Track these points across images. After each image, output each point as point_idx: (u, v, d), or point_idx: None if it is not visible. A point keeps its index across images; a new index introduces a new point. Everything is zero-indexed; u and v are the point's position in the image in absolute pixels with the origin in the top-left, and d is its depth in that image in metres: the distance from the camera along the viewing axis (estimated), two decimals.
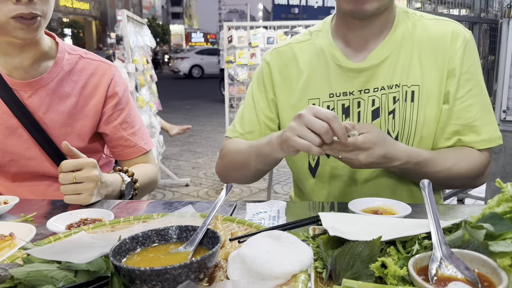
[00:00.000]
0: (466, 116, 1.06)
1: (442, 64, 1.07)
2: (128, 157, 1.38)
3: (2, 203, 1.01)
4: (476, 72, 1.08)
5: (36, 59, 1.22)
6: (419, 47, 1.09)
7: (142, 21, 3.96)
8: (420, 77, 1.08)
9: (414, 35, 1.10)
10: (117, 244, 0.61)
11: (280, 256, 0.61)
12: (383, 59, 1.09)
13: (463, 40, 1.08)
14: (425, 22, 1.12)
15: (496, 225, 0.65)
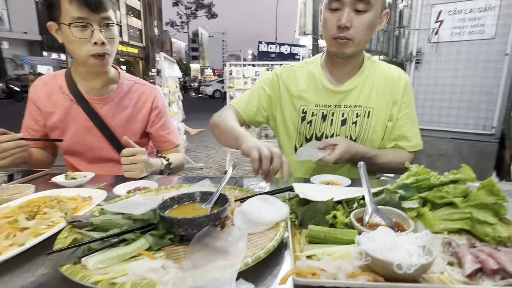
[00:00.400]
0: (402, 130, 1.21)
1: (389, 95, 1.21)
2: (164, 148, 1.48)
3: (83, 176, 1.08)
4: (410, 103, 1.23)
5: (105, 83, 1.33)
6: (377, 82, 1.21)
7: (173, 60, 4.17)
8: (375, 102, 1.21)
9: (374, 74, 1.22)
10: (161, 202, 0.68)
11: (268, 211, 0.67)
12: (352, 87, 1.21)
13: (405, 81, 1.23)
14: (381, 66, 1.25)
15: (406, 191, 0.72)
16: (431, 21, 2.80)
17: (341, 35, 1.04)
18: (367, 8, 1.01)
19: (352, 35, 1.04)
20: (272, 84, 1.30)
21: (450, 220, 0.67)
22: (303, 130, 1.26)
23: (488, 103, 2.63)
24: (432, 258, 0.48)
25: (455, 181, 0.71)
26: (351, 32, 1.03)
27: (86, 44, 1.13)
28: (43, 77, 1.38)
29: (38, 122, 1.34)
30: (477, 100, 2.67)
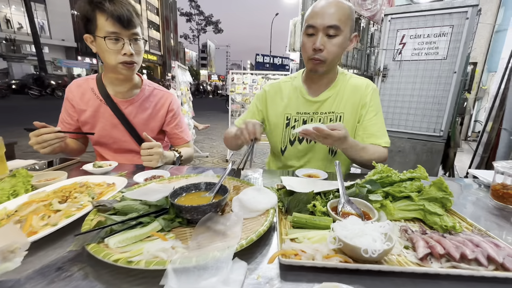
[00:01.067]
0: (373, 129, 1.16)
1: (358, 101, 1.17)
2: (177, 143, 1.46)
3: (108, 165, 1.05)
4: (378, 106, 1.18)
5: (130, 88, 1.30)
6: (347, 92, 1.18)
7: (185, 67, 4.07)
8: (345, 108, 1.17)
9: (345, 86, 1.18)
10: (172, 191, 0.66)
11: (260, 199, 0.66)
12: (327, 97, 1.18)
13: (372, 88, 1.18)
14: (352, 79, 1.21)
15: (372, 185, 0.71)
16: (396, 43, 2.77)
17: (315, 57, 1.03)
18: (337, 33, 1.00)
19: (324, 57, 1.03)
20: (261, 100, 1.29)
21: (407, 211, 0.67)
22: (287, 134, 1.24)
23: (439, 111, 2.64)
24: (392, 244, 0.48)
25: (412, 179, 0.71)
26: (323, 54, 1.02)
27: (117, 54, 1.10)
28: (78, 80, 1.33)
29: (72, 117, 1.31)
30: (430, 108, 2.67)
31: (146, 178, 0.92)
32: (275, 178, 1.00)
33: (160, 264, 0.44)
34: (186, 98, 3.79)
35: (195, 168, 1.13)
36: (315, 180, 0.86)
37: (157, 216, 0.61)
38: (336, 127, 0.88)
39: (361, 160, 1.05)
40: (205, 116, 11.03)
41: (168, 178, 0.87)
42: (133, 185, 0.79)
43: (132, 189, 0.71)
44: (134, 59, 1.14)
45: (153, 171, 0.98)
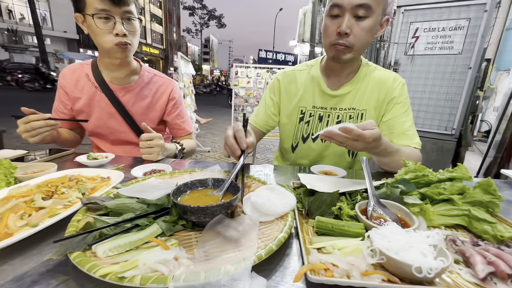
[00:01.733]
0: (404, 127, 1.00)
1: (384, 96, 1.03)
2: (179, 135, 1.36)
3: (104, 157, 0.96)
4: (408, 102, 1.04)
5: (128, 74, 1.19)
6: (371, 86, 1.04)
7: (188, 60, 3.94)
8: (368, 104, 1.04)
9: (369, 79, 1.05)
10: (175, 187, 0.56)
11: (277, 201, 0.57)
12: (348, 91, 1.05)
13: (401, 81, 1.05)
14: (377, 71, 1.07)
15: (406, 185, 0.62)
16: (408, 36, 2.65)
17: (340, 42, 0.89)
18: (368, 14, 0.85)
19: (351, 43, 0.88)
20: (275, 91, 1.16)
21: (448, 216, 0.57)
22: (301, 129, 1.12)
23: (451, 108, 2.53)
24: (449, 262, 0.38)
25: (452, 179, 0.61)
26: (350, 39, 0.88)
27: (109, 35, 0.99)
28: (71, 65, 1.23)
29: (66, 106, 1.21)
30: (442, 105, 2.57)
31: (145, 173, 0.83)
32: (288, 175, 0.90)
33: (160, 281, 0.35)
34: (189, 90, 3.68)
35: (197, 163, 1.03)
36: (337, 178, 0.76)
37: (156, 218, 0.51)
38: (367, 125, 0.69)
39: (395, 166, 0.89)
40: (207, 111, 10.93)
41: (169, 172, 0.78)
42: (131, 180, 0.69)
43: (128, 185, 0.62)
44: (128, 39, 1.03)
45: (153, 165, 0.88)
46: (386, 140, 0.79)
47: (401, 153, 0.88)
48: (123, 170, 0.86)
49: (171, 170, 0.85)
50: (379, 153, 0.80)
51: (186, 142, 1.26)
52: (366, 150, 0.74)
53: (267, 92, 1.20)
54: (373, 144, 0.70)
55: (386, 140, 0.78)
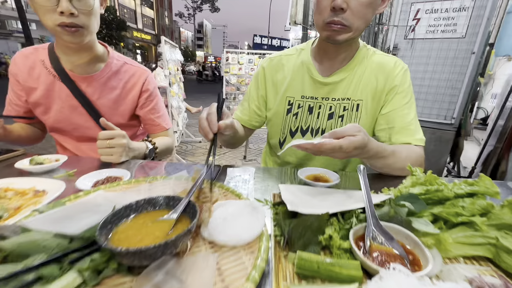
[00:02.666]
0: (406, 120, 0.86)
1: (383, 85, 0.88)
2: (154, 132, 1.20)
3: (54, 160, 0.80)
4: (410, 92, 0.89)
5: (91, 60, 1.01)
6: (369, 73, 0.89)
7: (175, 45, 3.65)
8: (365, 94, 0.90)
9: (367, 64, 0.90)
10: (111, 213, 0.42)
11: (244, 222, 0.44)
12: (342, 79, 0.90)
13: (403, 67, 0.90)
14: (377, 55, 0.92)
15: (413, 203, 0.49)
16: (409, 19, 2.47)
17: (335, 19, 0.73)
18: None
19: (348, 20, 0.73)
20: (261, 81, 1.00)
21: (468, 245, 0.44)
22: (288, 123, 0.97)
23: (452, 96, 2.39)
24: None
25: (472, 194, 0.48)
26: (346, 16, 0.72)
27: (53, 13, 0.80)
28: (24, 50, 1.04)
29: (20, 97, 1.03)
30: (442, 93, 2.43)
31: (97, 182, 0.68)
32: (272, 179, 0.76)
33: None
34: (176, 78, 3.46)
35: (170, 165, 0.88)
36: (327, 190, 0.62)
37: (83, 257, 0.37)
38: (347, 131, 0.58)
39: (390, 170, 0.78)
40: (200, 99, 10.65)
41: (123, 183, 0.63)
42: (70, 195, 0.55)
43: (52, 207, 0.47)
44: (78, 20, 0.84)
45: (108, 171, 0.73)
46: (377, 143, 0.67)
47: (397, 155, 0.75)
48: (75, 177, 0.71)
49: (129, 177, 0.70)
50: (369, 158, 0.68)
51: (160, 140, 1.11)
52: (350, 157, 0.62)
53: (252, 83, 1.04)
54: (356, 152, 0.59)
55: (376, 144, 0.66)
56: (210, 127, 0.66)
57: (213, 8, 49.88)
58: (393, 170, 0.78)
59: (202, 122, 0.67)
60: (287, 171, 0.85)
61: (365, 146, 0.60)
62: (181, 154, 4.04)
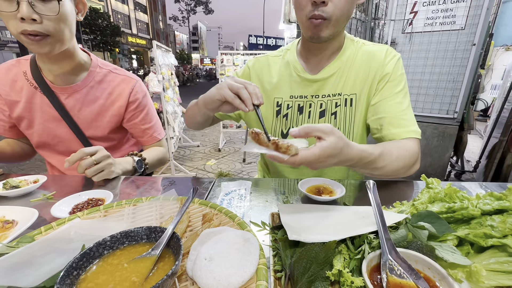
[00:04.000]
0: (398, 109, 0.78)
1: (374, 74, 0.82)
2: (146, 143, 1.12)
3: (31, 182, 0.74)
4: (403, 80, 0.82)
5: (73, 70, 0.94)
6: (359, 64, 0.83)
7: (168, 49, 3.54)
8: (357, 87, 0.83)
9: (356, 57, 0.84)
10: (78, 256, 0.36)
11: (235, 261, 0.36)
12: (330, 74, 0.84)
13: (395, 55, 0.83)
14: (365, 46, 0.86)
15: (434, 224, 0.42)
16: (406, 12, 2.41)
17: (316, 14, 0.68)
18: None
19: (329, 13, 0.68)
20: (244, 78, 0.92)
21: (502, 273, 0.37)
22: (279, 125, 0.91)
23: (453, 90, 2.33)
24: None
25: (502, 211, 0.42)
26: (327, 9, 0.67)
27: (14, 19, 0.72)
28: (6, 63, 0.98)
29: (4, 111, 0.97)
30: (443, 87, 2.36)
31: (76, 206, 0.61)
32: (269, 195, 0.69)
33: None
34: (170, 83, 3.39)
35: (164, 179, 0.82)
36: (332, 208, 0.54)
37: None
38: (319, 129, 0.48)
39: (381, 174, 0.68)
40: None
41: (103, 207, 0.56)
42: (41, 227, 0.48)
43: (16, 245, 0.40)
44: (42, 27, 0.75)
45: (90, 192, 0.66)
46: (359, 147, 0.57)
47: (387, 157, 0.66)
48: (54, 199, 0.65)
49: (112, 198, 0.64)
50: (354, 166, 0.59)
51: (150, 152, 1.04)
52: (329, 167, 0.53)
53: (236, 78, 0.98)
54: (332, 161, 0.50)
55: (358, 149, 0.56)
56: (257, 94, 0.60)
57: (207, 10, 49.83)
58: (386, 174, 0.69)
59: (250, 87, 0.61)
60: (286, 182, 0.78)
61: (339, 152, 0.50)
62: (179, 160, 3.97)
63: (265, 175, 1.08)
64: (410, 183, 0.74)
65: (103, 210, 0.56)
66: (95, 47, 21.82)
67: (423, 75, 2.42)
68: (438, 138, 2.50)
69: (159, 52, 2.93)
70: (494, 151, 2.51)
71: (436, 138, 2.51)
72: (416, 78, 2.46)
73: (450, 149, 2.49)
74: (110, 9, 28.26)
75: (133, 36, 33.82)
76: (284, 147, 0.46)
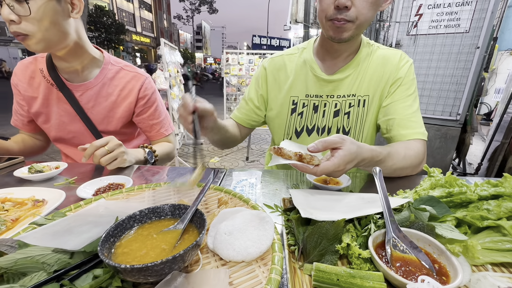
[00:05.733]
0: (408, 112, 0.83)
1: (387, 77, 0.87)
2: (154, 138, 1.16)
3: (53, 168, 0.78)
4: (414, 85, 0.87)
5: (84, 67, 0.98)
6: (373, 67, 0.88)
7: (174, 47, 3.62)
8: (371, 89, 0.88)
9: (371, 60, 0.88)
10: (113, 225, 0.40)
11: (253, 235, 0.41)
12: (346, 76, 0.88)
13: (408, 60, 0.88)
14: (380, 49, 0.90)
15: (435, 207, 0.45)
16: (411, 14, 2.44)
17: (339, 17, 0.71)
18: None
19: (352, 17, 0.71)
20: (261, 81, 0.98)
21: (496, 251, 0.41)
22: (293, 123, 0.95)
23: (457, 92, 2.36)
24: None
25: (497, 196, 0.45)
26: (351, 13, 0.70)
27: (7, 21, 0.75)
28: (24, 60, 1.02)
29: (23, 107, 1.02)
30: (447, 89, 2.39)
31: (99, 189, 0.65)
32: (278, 184, 0.74)
33: None
34: (176, 80, 3.44)
35: (173, 170, 0.86)
36: (340, 194, 0.59)
37: (83, 273, 0.35)
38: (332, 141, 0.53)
39: (390, 172, 0.74)
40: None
41: (126, 189, 0.61)
42: (74, 203, 0.52)
43: (51, 219, 0.45)
44: (20, 28, 0.75)
45: (110, 178, 0.71)
46: (370, 148, 0.62)
47: (394, 156, 0.71)
48: (76, 184, 0.69)
49: (131, 184, 0.68)
50: (366, 166, 0.64)
51: (159, 147, 1.08)
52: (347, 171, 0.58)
53: (252, 83, 1.02)
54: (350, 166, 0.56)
55: (369, 149, 0.62)
56: (186, 110, 0.64)
57: (211, 9, 49.96)
58: (394, 172, 0.74)
59: (178, 109, 0.67)
60: (295, 173, 0.82)
61: (355, 157, 0.55)
62: (183, 157, 4.02)
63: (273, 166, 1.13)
64: (412, 176, 0.78)
65: (125, 192, 0.61)
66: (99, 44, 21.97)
67: (427, 76, 2.45)
68: (441, 140, 2.53)
69: (166, 50, 2.98)
70: (496, 154, 2.53)
71: (439, 140, 2.54)
72: (420, 79, 2.48)
73: (452, 150, 2.52)
74: (115, 7, 28.42)
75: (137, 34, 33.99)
76: (308, 157, 0.52)
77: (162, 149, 1.08)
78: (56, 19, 0.80)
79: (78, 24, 0.89)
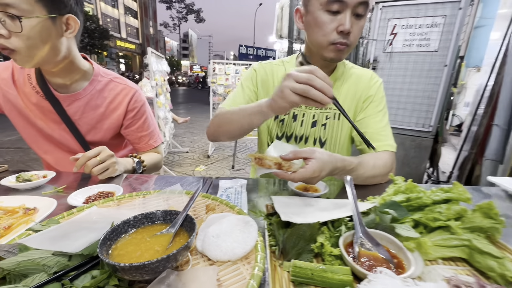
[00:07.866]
0: (378, 126, 0.93)
1: (361, 93, 0.97)
2: (141, 150, 1.17)
3: (41, 177, 0.78)
4: (384, 102, 0.97)
5: (73, 80, 0.98)
6: (348, 84, 0.98)
7: (161, 55, 3.64)
8: (344, 104, 0.97)
9: (346, 77, 0.98)
10: (109, 229, 0.42)
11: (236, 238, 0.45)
12: None
13: (378, 80, 0.99)
14: (355, 68, 1.01)
15: (396, 210, 0.52)
16: (387, 33, 2.64)
17: (342, 41, 0.79)
18: (365, 12, 0.78)
19: (350, 41, 0.80)
20: (253, 81, 1.03)
21: (446, 247, 0.48)
22: (275, 128, 1.02)
23: (428, 106, 2.55)
24: None
25: (448, 200, 0.53)
26: (350, 37, 0.79)
27: None
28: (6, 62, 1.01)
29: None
30: (419, 103, 2.58)
31: (89, 197, 0.68)
32: (262, 192, 0.79)
33: None
34: (162, 89, 3.45)
35: (161, 178, 0.89)
36: (317, 200, 0.65)
37: (82, 273, 0.38)
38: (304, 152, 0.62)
39: (361, 180, 0.81)
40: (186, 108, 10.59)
41: (116, 198, 0.64)
42: (66, 210, 0.54)
43: (53, 223, 0.47)
44: (8, 42, 0.74)
45: (100, 186, 0.73)
46: (342, 158, 0.72)
47: (365, 165, 0.79)
48: (65, 192, 0.71)
49: (121, 192, 0.70)
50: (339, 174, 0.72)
51: (147, 156, 1.10)
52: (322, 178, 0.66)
53: (243, 81, 1.05)
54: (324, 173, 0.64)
55: (341, 158, 0.71)
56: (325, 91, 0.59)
57: (198, 18, 50.34)
58: (366, 180, 0.82)
59: (311, 92, 0.58)
60: (277, 182, 0.88)
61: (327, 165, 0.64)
62: (168, 165, 3.98)
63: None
64: (382, 184, 0.86)
65: (116, 200, 0.64)
66: (82, 49, 21.43)
67: (402, 91, 2.63)
68: (415, 150, 2.70)
69: (153, 59, 3.00)
70: (465, 163, 2.73)
71: (413, 150, 2.70)
72: (395, 93, 2.66)
73: (426, 160, 2.69)
74: (100, 12, 27.99)
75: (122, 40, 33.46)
76: (286, 165, 0.59)
77: (150, 158, 1.10)
78: (47, 39, 0.80)
79: (70, 42, 0.90)
